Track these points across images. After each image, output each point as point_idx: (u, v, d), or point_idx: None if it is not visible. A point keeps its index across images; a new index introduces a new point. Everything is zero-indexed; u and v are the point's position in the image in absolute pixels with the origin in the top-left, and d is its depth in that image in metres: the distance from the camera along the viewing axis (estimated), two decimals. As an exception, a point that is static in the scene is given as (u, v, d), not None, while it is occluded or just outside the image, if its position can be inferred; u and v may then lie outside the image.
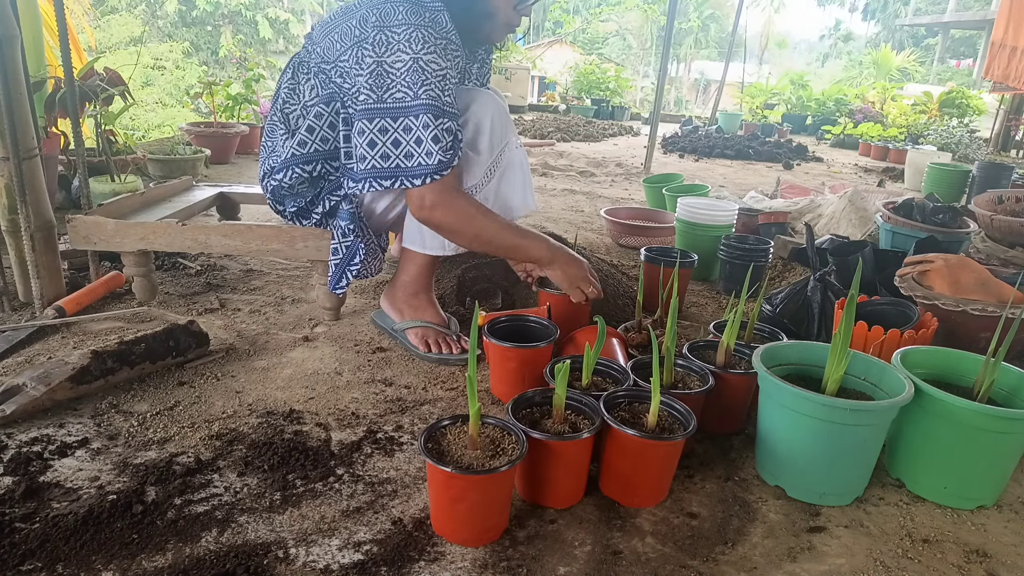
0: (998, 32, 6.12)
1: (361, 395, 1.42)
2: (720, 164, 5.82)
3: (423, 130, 1.31)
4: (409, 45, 1.30)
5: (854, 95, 10.69)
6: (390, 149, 1.33)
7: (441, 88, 1.32)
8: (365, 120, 1.33)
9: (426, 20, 1.32)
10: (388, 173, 1.34)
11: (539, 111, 10.02)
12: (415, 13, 1.32)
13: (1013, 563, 1.02)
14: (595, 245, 2.72)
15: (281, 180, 1.52)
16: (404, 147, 1.32)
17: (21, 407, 1.23)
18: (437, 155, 1.32)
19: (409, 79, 1.30)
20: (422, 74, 1.30)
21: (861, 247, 2.07)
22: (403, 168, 1.33)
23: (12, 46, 1.54)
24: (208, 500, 1.05)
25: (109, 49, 8.65)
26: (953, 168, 4.40)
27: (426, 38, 1.30)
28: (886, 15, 25.35)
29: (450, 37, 1.35)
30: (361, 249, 1.53)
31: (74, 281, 1.86)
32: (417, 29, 1.30)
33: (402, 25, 1.31)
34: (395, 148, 1.33)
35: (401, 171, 1.34)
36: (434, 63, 1.31)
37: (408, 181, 1.34)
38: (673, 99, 17.90)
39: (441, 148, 1.32)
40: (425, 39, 1.30)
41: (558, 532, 1.03)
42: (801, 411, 1.09)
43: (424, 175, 1.33)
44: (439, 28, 1.33)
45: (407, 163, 1.33)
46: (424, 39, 1.30)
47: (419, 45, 1.30)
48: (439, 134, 1.32)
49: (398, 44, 1.30)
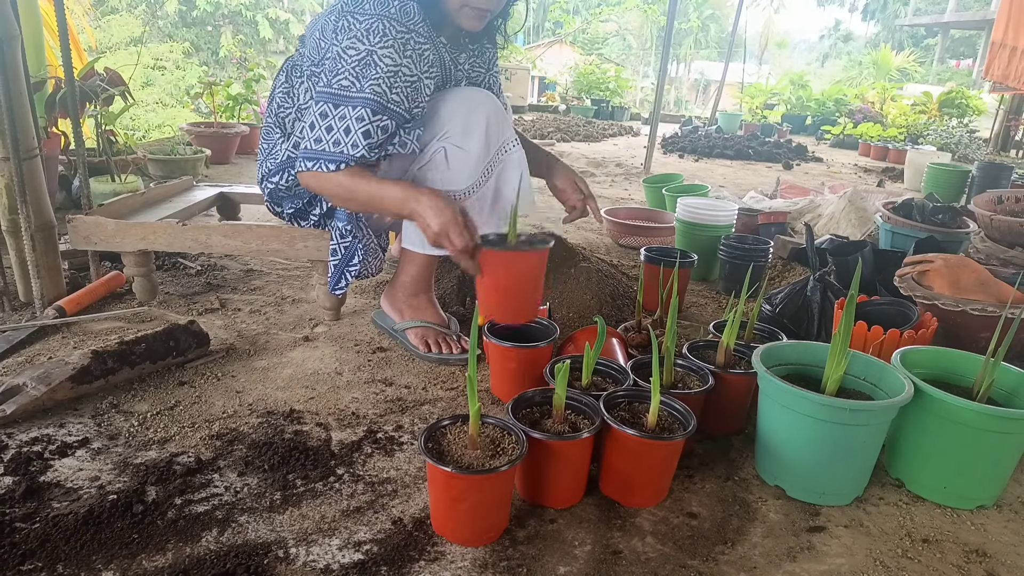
0: (998, 32, 6.13)
1: (361, 395, 1.42)
2: (720, 164, 5.82)
3: (355, 122, 1.30)
4: (367, 36, 1.29)
5: (854, 95, 10.70)
6: (323, 134, 1.32)
7: (389, 84, 1.30)
8: (314, 103, 1.34)
9: (392, 11, 1.30)
10: (312, 155, 1.32)
11: (539, 111, 10.03)
12: (382, 3, 1.31)
13: (1013, 563, 1.02)
14: (595, 245, 2.72)
15: (278, 183, 1.53)
16: (334, 134, 1.31)
17: (21, 407, 1.23)
18: (362, 149, 1.30)
19: (359, 70, 1.29)
20: (372, 68, 1.29)
21: (861, 247, 2.07)
22: (326, 152, 1.31)
23: (12, 46, 1.54)
24: (208, 500, 1.05)
25: (109, 49, 8.64)
26: (953, 168, 4.40)
27: (385, 31, 1.29)
28: (886, 15, 25.35)
29: (416, 29, 1.33)
30: (360, 250, 1.52)
31: (74, 281, 1.86)
32: (379, 20, 1.29)
33: (365, 14, 1.30)
34: (327, 133, 1.31)
35: (323, 155, 1.31)
36: (388, 58, 1.30)
37: (324, 165, 1.32)
38: (673, 99, 17.89)
39: (369, 145, 1.31)
40: (384, 31, 1.29)
41: (558, 532, 1.03)
42: (801, 411, 1.10)
43: (340, 162, 1.31)
44: (405, 19, 1.32)
45: (332, 149, 1.31)
46: (383, 31, 1.29)
47: (376, 37, 1.29)
48: (371, 129, 1.30)
49: (356, 32, 1.30)
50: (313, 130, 1.33)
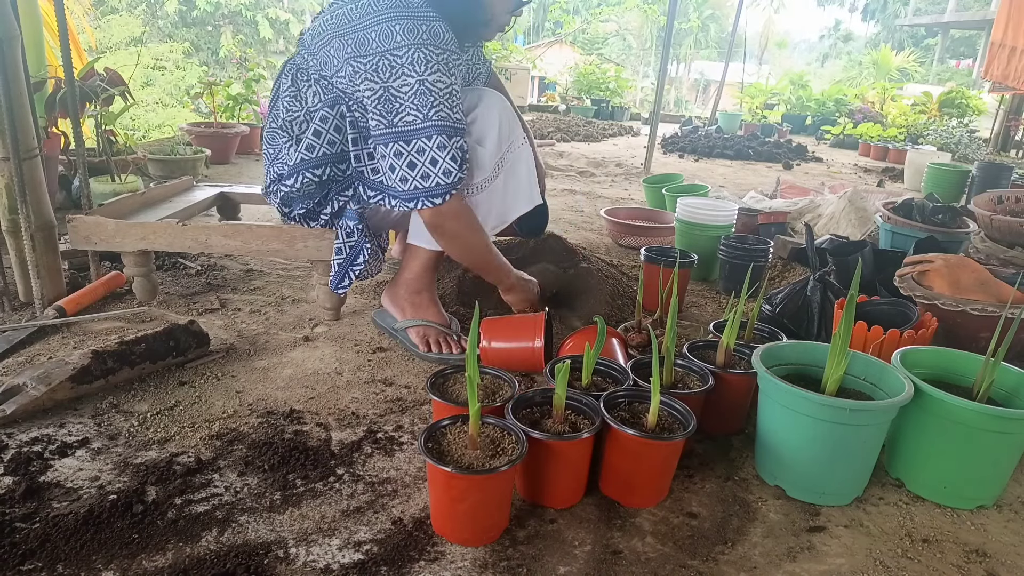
0: (998, 32, 6.13)
1: (361, 395, 1.42)
2: (720, 164, 5.82)
3: (438, 151, 1.33)
4: (413, 67, 1.31)
5: (854, 95, 10.69)
6: (407, 172, 1.35)
7: (450, 106, 1.34)
8: (381, 146, 1.36)
9: (424, 37, 1.32)
10: (407, 195, 1.37)
11: (539, 111, 10.03)
12: (412, 31, 1.32)
13: (1013, 563, 1.02)
14: (595, 245, 2.72)
15: (292, 186, 1.52)
16: (420, 168, 1.35)
17: (21, 407, 1.23)
18: (456, 173, 1.35)
19: (418, 102, 1.32)
20: (429, 96, 1.31)
21: (861, 247, 2.07)
22: (422, 189, 1.36)
23: (12, 46, 1.54)
24: (208, 500, 1.05)
25: (109, 49, 8.64)
26: (953, 168, 4.40)
27: (428, 58, 1.31)
28: (886, 15, 25.33)
29: (450, 48, 1.36)
30: (366, 249, 1.54)
31: (74, 281, 1.86)
32: (418, 49, 1.31)
33: (403, 47, 1.31)
34: (411, 170, 1.35)
35: (420, 192, 1.36)
36: (440, 82, 1.32)
37: (429, 201, 1.37)
38: (673, 99, 17.89)
39: (458, 166, 1.35)
40: (428, 59, 1.31)
41: (558, 532, 1.03)
42: (801, 411, 1.10)
43: (443, 193, 1.36)
44: (438, 41, 1.34)
45: (424, 184, 1.35)
46: (427, 59, 1.31)
47: (422, 67, 1.31)
48: (455, 153, 1.34)
49: (402, 67, 1.31)
50: (394, 172, 1.36)
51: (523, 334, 1.46)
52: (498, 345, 1.47)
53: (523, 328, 1.48)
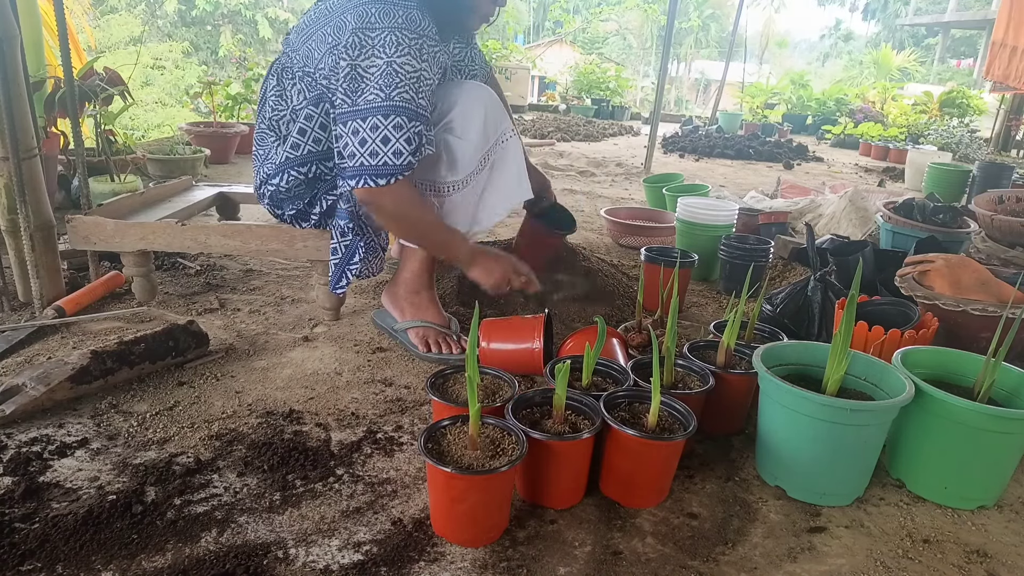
0: (998, 32, 6.12)
1: (361, 395, 1.42)
2: (720, 164, 5.82)
3: (393, 130, 1.30)
4: (383, 49, 1.30)
5: (854, 95, 10.69)
6: (356, 148, 1.32)
7: (415, 90, 1.31)
8: (341, 125, 1.34)
9: (400, 21, 1.31)
10: (352, 172, 1.33)
11: (539, 111, 10.03)
12: (387, 14, 1.31)
13: (1013, 563, 1.02)
14: (595, 245, 2.72)
15: (278, 185, 1.52)
16: (370, 145, 1.31)
17: (21, 407, 1.23)
18: (407, 156, 1.31)
19: (382, 82, 1.30)
20: (395, 76, 1.30)
21: (861, 247, 2.07)
22: (367, 167, 1.31)
23: (12, 46, 1.54)
24: (208, 500, 1.05)
25: (109, 49, 8.64)
26: (953, 168, 4.40)
27: (399, 41, 1.30)
28: (886, 15, 25.32)
29: (427, 34, 1.35)
30: (360, 248, 1.53)
31: (74, 281, 1.86)
32: (391, 32, 1.30)
33: (376, 28, 1.30)
34: (361, 147, 1.31)
35: (365, 169, 1.32)
36: (408, 65, 1.30)
37: (372, 181, 1.32)
38: (673, 99, 17.88)
39: (412, 149, 1.32)
40: (399, 42, 1.30)
41: (558, 532, 1.03)
42: (801, 411, 1.09)
43: (389, 175, 1.32)
44: (414, 26, 1.32)
45: (371, 161, 1.31)
46: (398, 42, 1.30)
47: (392, 49, 1.30)
48: (411, 136, 1.31)
49: (372, 48, 1.30)
50: (346, 149, 1.33)
51: (522, 336, 1.46)
52: (497, 347, 1.47)
53: (522, 330, 1.48)
